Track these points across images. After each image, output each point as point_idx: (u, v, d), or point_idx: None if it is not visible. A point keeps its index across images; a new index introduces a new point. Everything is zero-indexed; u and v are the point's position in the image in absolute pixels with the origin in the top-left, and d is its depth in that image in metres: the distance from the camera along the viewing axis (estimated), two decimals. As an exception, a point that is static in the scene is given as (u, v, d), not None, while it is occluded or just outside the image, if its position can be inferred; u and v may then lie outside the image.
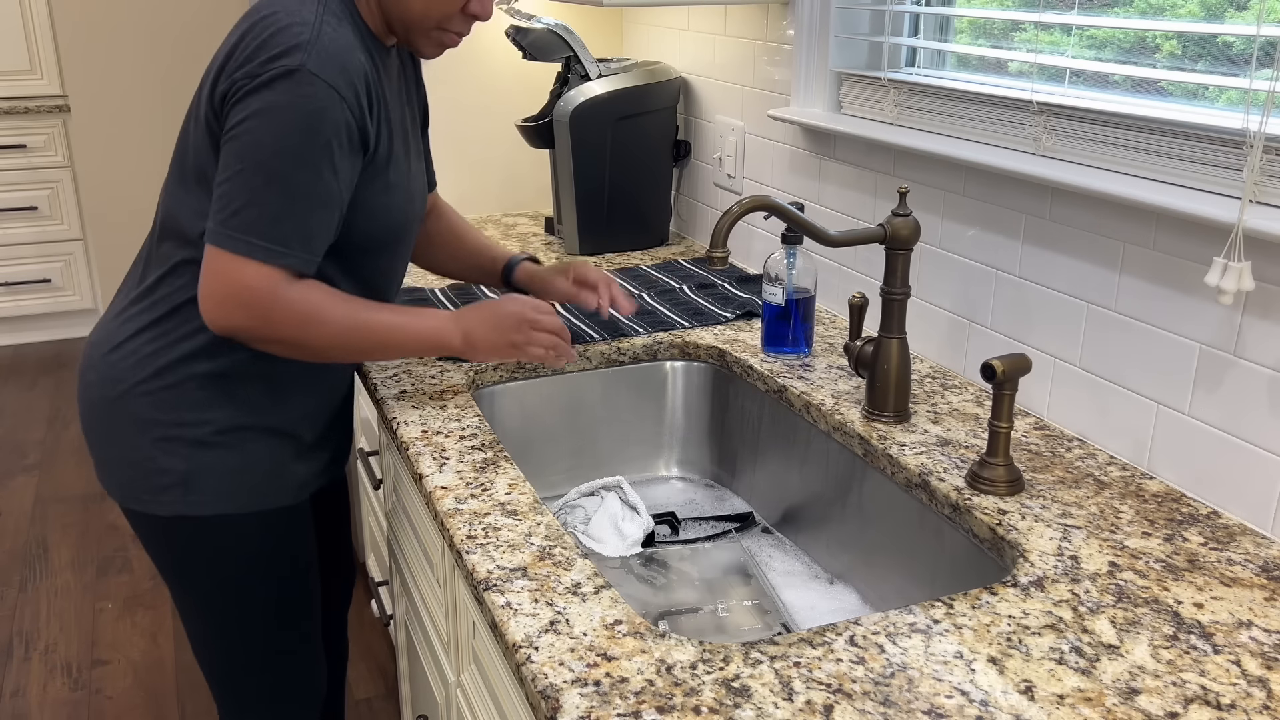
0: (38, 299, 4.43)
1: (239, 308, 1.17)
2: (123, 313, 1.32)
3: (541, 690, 0.85)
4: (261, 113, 1.14)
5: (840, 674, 0.87)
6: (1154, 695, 0.85)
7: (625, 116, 2.03)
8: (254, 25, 1.18)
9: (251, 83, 1.15)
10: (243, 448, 1.30)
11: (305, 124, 1.15)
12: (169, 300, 1.27)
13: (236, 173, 1.15)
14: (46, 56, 4.24)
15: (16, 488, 3.30)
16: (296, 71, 1.14)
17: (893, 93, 1.58)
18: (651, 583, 1.34)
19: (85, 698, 2.38)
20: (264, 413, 1.31)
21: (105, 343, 1.32)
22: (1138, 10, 1.27)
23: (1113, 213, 1.22)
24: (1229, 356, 1.11)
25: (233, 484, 1.30)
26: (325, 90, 1.15)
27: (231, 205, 1.15)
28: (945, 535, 1.18)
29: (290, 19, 1.17)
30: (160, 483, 1.29)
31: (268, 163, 1.14)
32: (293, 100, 1.14)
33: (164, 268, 1.28)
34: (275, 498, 1.34)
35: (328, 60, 1.16)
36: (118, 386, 1.29)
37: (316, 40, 1.16)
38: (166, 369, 1.27)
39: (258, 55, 1.15)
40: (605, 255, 2.11)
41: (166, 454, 1.28)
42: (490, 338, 1.33)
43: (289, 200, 1.16)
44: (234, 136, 1.16)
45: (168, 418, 1.28)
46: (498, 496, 1.17)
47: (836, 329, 1.68)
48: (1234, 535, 1.09)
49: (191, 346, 1.27)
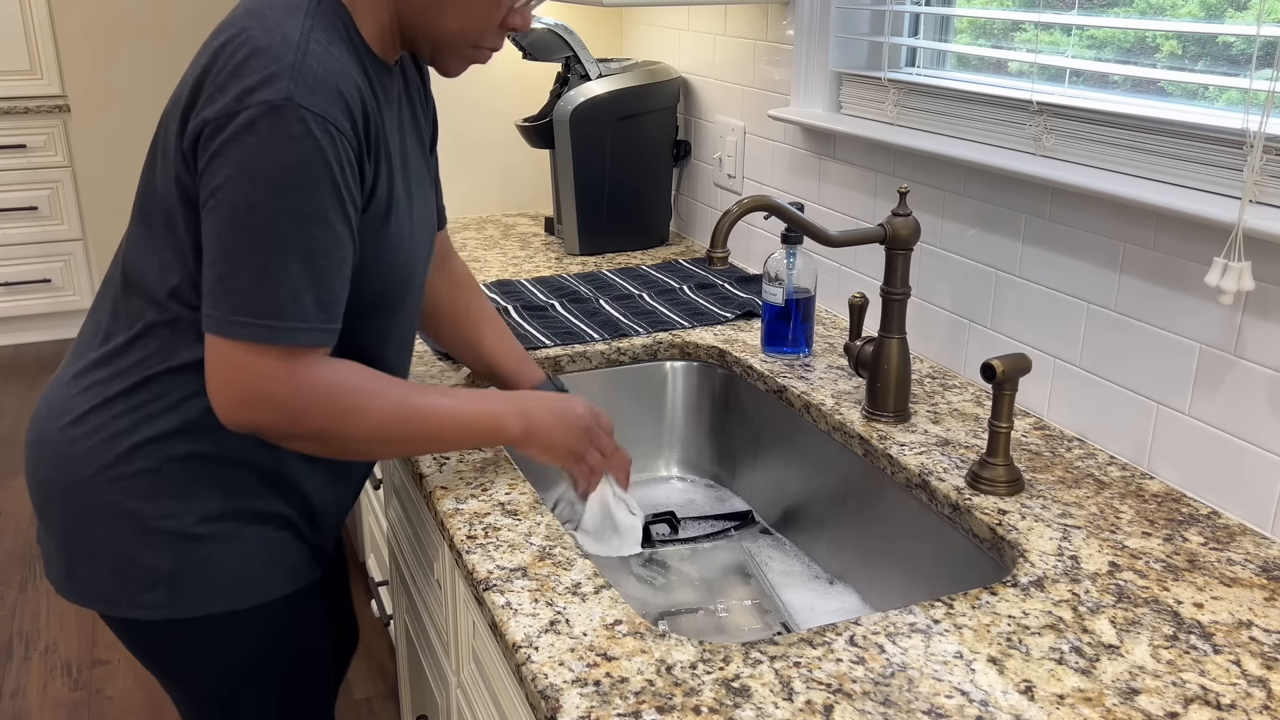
0: (38, 299, 4.43)
1: (263, 405, 0.99)
2: (83, 376, 1.11)
3: (541, 690, 0.85)
4: (248, 165, 0.94)
5: (840, 674, 0.87)
6: (1154, 695, 0.85)
7: (625, 116, 2.03)
8: (225, 45, 0.98)
9: (229, 125, 0.95)
10: (235, 537, 1.11)
11: (303, 170, 0.96)
12: (140, 369, 1.08)
13: (234, 244, 0.96)
14: (46, 56, 4.24)
15: (16, 488, 3.30)
16: (281, 107, 0.94)
17: (893, 93, 1.58)
18: (651, 583, 1.34)
19: (85, 698, 2.38)
20: (258, 496, 1.12)
21: (62, 412, 1.11)
22: (1138, 10, 1.27)
23: (1113, 213, 1.22)
24: (1229, 356, 1.11)
25: (226, 579, 1.11)
26: (319, 124, 0.96)
27: (236, 285, 0.96)
28: (945, 535, 1.18)
29: (268, 37, 0.97)
30: (141, 583, 1.09)
31: (269, 225, 0.95)
32: (284, 143, 0.94)
33: (132, 329, 1.08)
34: (276, 587, 1.15)
35: (317, 86, 0.96)
36: (81, 469, 1.08)
37: (302, 63, 0.96)
38: (139, 450, 1.07)
39: (230, 86, 0.95)
40: (605, 255, 2.11)
41: (146, 550, 1.09)
42: (554, 436, 1.16)
43: (302, 265, 0.97)
44: (220, 201, 0.96)
45: (145, 507, 1.08)
46: (498, 496, 1.17)
47: (836, 329, 1.68)
48: (1234, 535, 1.09)
49: (169, 424, 1.07)
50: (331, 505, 1.20)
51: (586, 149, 2.02)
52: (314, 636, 1.23)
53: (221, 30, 1.01)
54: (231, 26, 1.00)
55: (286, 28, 0.98)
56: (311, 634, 1.22)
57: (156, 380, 1.07)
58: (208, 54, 1.00)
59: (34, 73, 4.24)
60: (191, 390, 1.07)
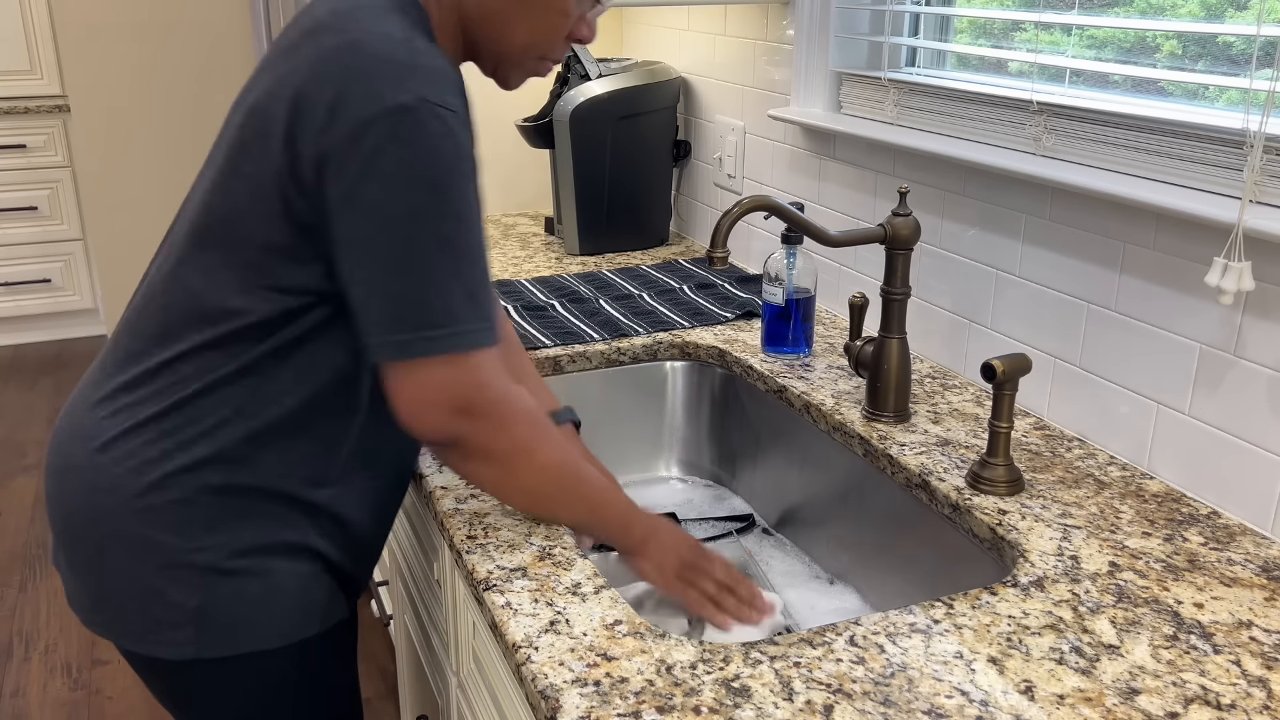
0: (38, 299, 4.43)
1: (476, 416, 0.97)
2: (112, 399, 1.05)
3: (541, 690, 0.85)
4: (399, 174, 0.90)
5: (840, 674, 0.87)
6: (1154, 695, 0.85)
7: (625, 116, 2.03)
8: (330, 56, 0.93)
9: (365, 137, 0.90)
10: (266, 572, 1.05)
11: (452, 168, 0.92)
12: (173, 391, 1.02)
13: (403, 259, 0.91)
14: (46, 56, 4.24)
15: (16, 488, 3.30)
16: (416, 108, 0.90)
17: (893, 92, 1.58)
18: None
19: (85, 698, 2.38)
20: (292, 529, 1.06)
21: (88, 437, 1.05)
22: (1138, 10, 1.27)
23: (1113, 213, 1.22)
24: (1229, 356, 1.11)
25: (255, 617, 1.05)
26: (454, 119, 0.93)
27: (416, 300, 0.92)
28: (945, 535, 1.18)
29: (374, 39, 0.93)
30: (168, 620, 1.03)
31: (436, 231, 0.92)
32: (428, 144, 0.91)
33: (172, 350, 1.02)
34: (306, 625, 1.09)
35: (439, 78, 0.93)
36: (109, 497, 1.03)
37: (420, 59, 0.93)
38: (170, 479, 1.01)
39: (353, 96, 0.90)
40: (605, 255, 2.11)
41: (175, 585, 1.02)
42: (667, 556, 1.10)
43: (470, 265, 0.94)
44: (375, 218, 0.91)
45: (176, 540, 1.02)
46: (498, 496, 1.17)
47: (836, 329, 1.68)
48: (1234, 535, 1.09)
49: (202, 451, 1.01)
50: (369, 536, 1.15)
51: (586, 149, 2.02)
52: (344, 674, 1.18)
53: (310, 40, 0.96)
54: (324, 34, 0.95)
55: (387, 26, 0.95)
56: (342, 672, 1.17)
57: (190, 404, 1.02)
58: (304, 72, 0.94)
59: (34, 73, 4.24)
60: (228, 414, 1.02)
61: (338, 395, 1.05)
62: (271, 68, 0.99)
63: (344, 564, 1.12)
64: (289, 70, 0.95)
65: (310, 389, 1.03)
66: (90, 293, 4.50)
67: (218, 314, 1.00)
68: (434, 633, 1.44)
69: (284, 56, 0.98)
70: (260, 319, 1.00)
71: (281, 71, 0.96)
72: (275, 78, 0.97)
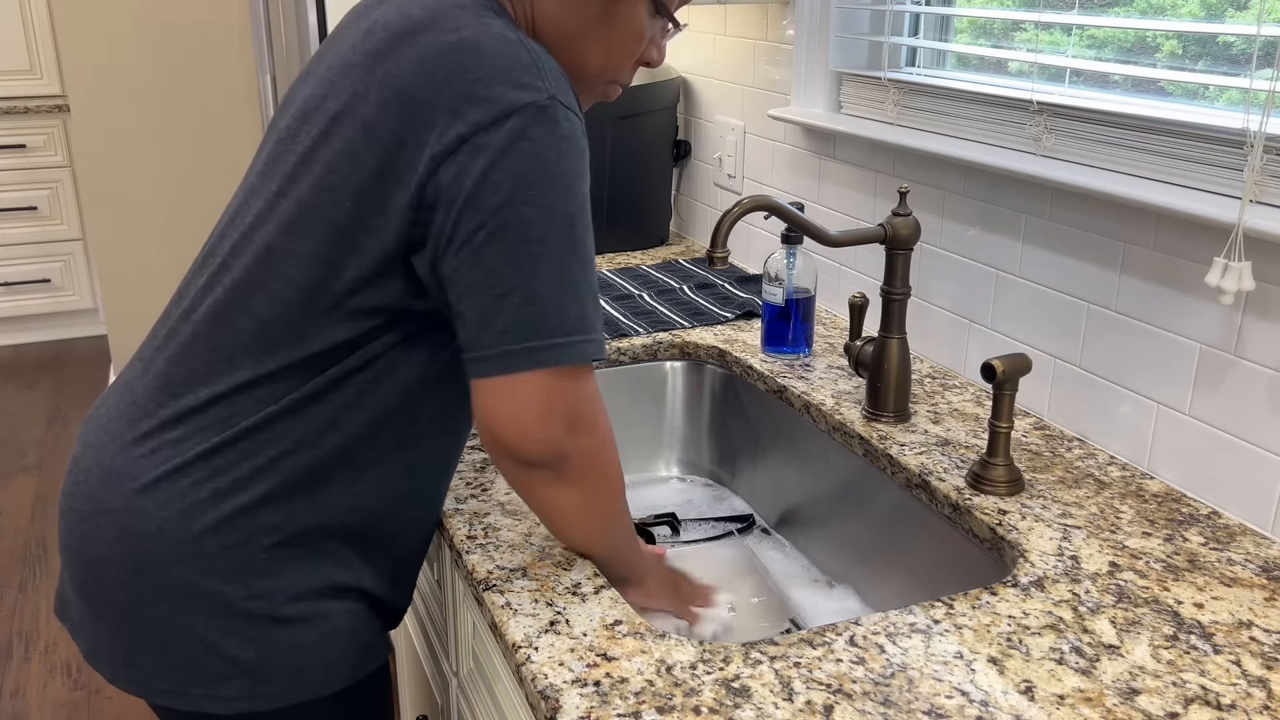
0: (37, 299, 4.43)
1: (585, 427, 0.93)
2: (150, 436, 0.96)
3: (541, 690, 0.85)
4: (533, 174, 0.86)
5: (840, 674, 0.87)
6: (1154, 695, 0.85)
7: (625, 116, 2.03)
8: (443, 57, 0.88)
9: (494, 137, 0.85)
10: (320, 617, 0.99)
11: (578, 170, 0.89)
12: (224, 425, 0.94)
13: (538, 262, 0.87)
14: (46, 56, 4.24)
15: (16, 488, 3.30)
16: (547, 107, 0.87)
17: (893, 92, 1.58)
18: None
19: (85, 698, 2.38)
20: (346, 569, 1.00)
21: (126, 477, 0.96)
22: (1138, 10, 1.27)
23: (1113, 213, 1.22)
24: (1229, 356, 1.11)
25: (311, 664, 0.99)
26: (577, 120, 0.90)
27: (549, 305, 0.88)
28: (945, 535, 1.18)
29: (490, 39, 0.88)
30: (219, 673, 0.96)
31: (569, 233, 0.88)
32: (559, 144, 0.87)
33: (227, 382, 0.94)
34: (361, 667, 1.03)
35: (561, 81, 0.90)
36: (154, 544, 0.94)
37: (541, 59, 0.90)
38: (226, 522, 0.94)
39: (479, 96, 0.86)
40: (605, 255, 2.11)
41: (229, 637, 0.95)
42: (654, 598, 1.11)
43: (590, 270, 0.91)
44: (507, 219, 0.86)
45: (229, 589, 0.94)
46: (498, 496, 1.17)
47: (836, 329, 1.68)
48: (1234, 535, 1.09)
49: (259, 490, 0.94)
50: (415, 566, 1.11)
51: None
52: (387, 712, 1.14)
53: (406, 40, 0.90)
54: (423, 34, 0.90)
55: (497, 26, 0.90)
56: (385, 710, 1.13)
57: (245, 438, 0.94)
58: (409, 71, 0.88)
59: (34, 73, 4.24)
60: (288, 445, 0.95)
61: (404, 419, 0.99)
62: (352, 73, 0.92)
63: (393, 598, 1.08)
64: (387, 75, 0.89)
65: (375, 414, 0.97)
66: (90, 293, 4.50)
67: (284, 341, 0.93)
68: (434, 633, 1.44)
69: (374, 60, 0.91)
70: (329, 345, 0.94)
71: (378, 77, 0.90)
72: (368, 84, 0.90)
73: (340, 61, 0.94)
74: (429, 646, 1.49)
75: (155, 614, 0.95)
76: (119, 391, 1.02)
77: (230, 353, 0.94)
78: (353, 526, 1.00)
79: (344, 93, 0.92)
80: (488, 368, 0.89)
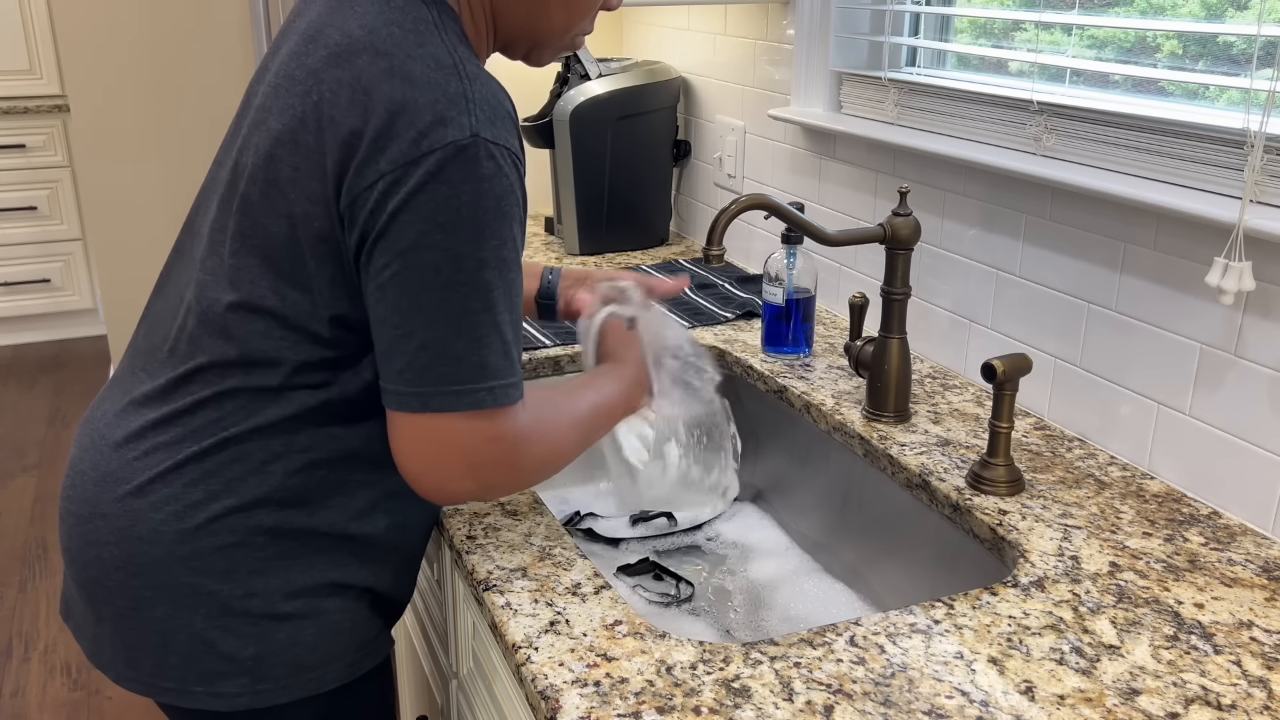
0: (37, 299, 4.43)
1: (489, 469, 0.91)
2: (141, 437, 0.97)
3: (541, 690, 0.85)
4: (443, 217, 0.84)
5: (840, 674, 0.87)
6: (1154, 695, 0.85)
7: (625, 116, 2.03)
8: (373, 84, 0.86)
9: (411, 176, 0.84)
10: (318, 614, 1.00)
11: (499, 211, 0.87)
12: (215, 429, 0.95)
13: (440, 307, 0.86)
14: (46, 56, 4.24)
15: (16, 488, 3.30)
16: (467, 146, 0.85)
17: (893, 92, 1.58)
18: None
19: (85, 698, 2.38)
20: (342, 567, 1.01)
21: (118, 480, 0.97)
22: (1138, 10, 1.27)
23: (1113, 213, 1.22)
24: (1229, 356, 1.11)
25: (310, 661, 1.00)
26: (505, 157, 0.87)
27: (447, 351, 0.87)
28: (945, 535, 1.18)
29: (421, 66, 0.87)
30: (219, 671, 0.97)
31: (476, 279, 0.86)
32: (476, 186, 0.85)
33: (205, 390, 0.95)
34: (362, 663, 1.05)
35: (493, 114, 0.87)
36: (148, 548, 0.95)
37: (471, 90, 0.87)
38: (217, 522, 0.95)
39: (401, 131, 0.84)
40: (605, 255, 2.11)
41: (228, 635, 0.96)
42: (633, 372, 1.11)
43: (509, 315, 0.89)
44: (412, 262, 0.85)
45: (225, 587, 0.95)
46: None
47: (836, 329, 1.68)
48: (1234, 535, 1.09)
49: (252, 492, 0.95)
50: (415, 564, 1.11)
51: (586, 149, 2.02)
52: (390, 705, 1.16)
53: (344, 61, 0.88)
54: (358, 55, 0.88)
55: (431, 48, 0.88)
56: (387, 706, 1.15)
57: (236, 442, 0.94)
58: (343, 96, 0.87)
59: (34, 73, 4.24)
60: (277, 450, 0.95)
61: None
62: (295, 89, 0.91)
63: (392, 594, 1.08)
64: (322, 99, 0.88)
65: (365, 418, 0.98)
66: (90, 293, 4.50)
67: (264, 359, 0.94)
68: (434, 633, 1.44)
69: (312, 80, 0.90)
70: (305, 360, 0.94)
71: (314, 99, 0.89)
72: (305, 108, 0.89)
73: (285, 72, 0.94)
74: (429, 646, 1.49)
75: (154, 614, 0.96)
76: (111, 394, 1.03)
77: (213, 362, 0.95)
78: (348, 525, 1.00)
79: (284, 113, 0.91)
80: (390, 400, 0.90)
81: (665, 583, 1.32)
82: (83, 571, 1.00)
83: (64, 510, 1.02)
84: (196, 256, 0.99)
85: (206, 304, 0.96)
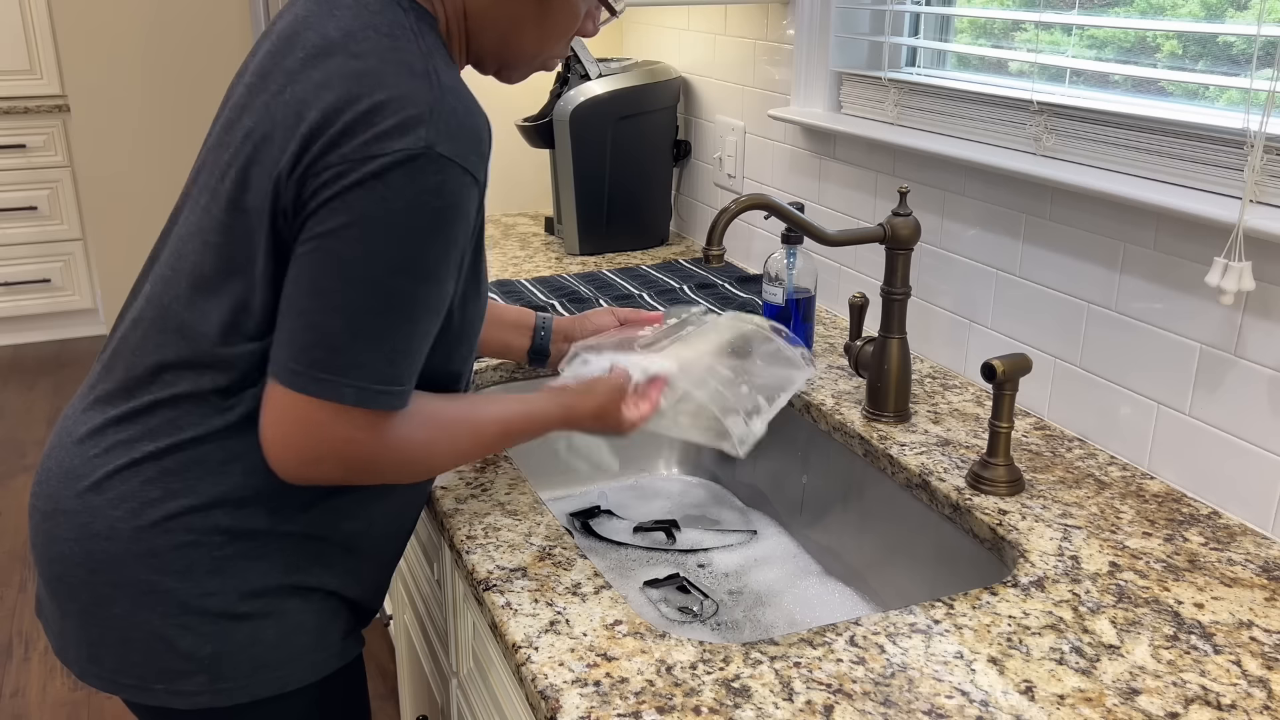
0: (37, 299, 4.43)
1: (332, 463, 0.91)
2: (101, 434, 0.97)
3: (541, 690, 0.85)
4: (371, 214, 0.85)
5: (840, 674, 0.87)
6: (1154, 695, 0.85)
7: (625, 116, 2.03)
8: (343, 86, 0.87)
9: (355, 171, 0.85)
10: (279, 614, 0.99)
11: (432, 226, 0.87)
12: (173, 429, 0.95)
13: (336, 297, 0.86)
14: (46, 56, 4.24)
15: (17, 488, 3.30)
16: (420, 156, 0.85)
17: (893, 92, 1.58)
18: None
19: (85, 698, 2.38)
20: (304, 570, 1.00)
21: (78, 476, 0.97)
22: (1138, 10, 1.27)
23: (1113, 213, 1.22)
24: (1229, 356, 1.11)
25: (272, 660, 0.99)
26: (456, 176, 0.87)
27: (329, 339, 0.87)
28: (945, 535, 1.18)
29: (399, 80, 0.87)
30: (178, 670, 0.97)
31: (383, 282, 0.86)
32: (415, 196, 0.85)
33: (163, 391, 0.96)
34: (325, 664, 1.04)
35: (458, 130, 0.87)
36: (105, 544, 0.95)
37: (441, 103, 0.87)
38: (174, 521, 0.95)
39: (358, 131, 0.85)
40: (605, 255, 2.11)
41: (184, 633, 0.96)
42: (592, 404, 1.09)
43: (408, 327, 0.89)
44: (326, 248, 0.86)
45: (182, 586, 0.95)
46: (498, 496, 1.17)
47: (836, 329, 1.68)
48: (1234, 535, 1.09)
49: (209, 492, 0.95)
50: (385, 567, 1.10)
51: (586, 149, 2.02)
52: (361, 706, 1.14)
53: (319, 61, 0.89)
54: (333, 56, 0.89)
55: (405, 54, 0.88)
56: (359, 704, 1.14)
57: (194, 444, 0.95)
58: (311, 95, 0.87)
59: (34, 73, 4.24)
60: (237, 451, 0.95)
61: None
62: (269, 88, 0.92)
63: (358, 596, 1.08)
64: (293, 97, 0.89)
65: None
66: (90, 293, 4.50)
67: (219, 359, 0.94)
68: (434, 633, 1.44)
69: (286, 80, 0.90)
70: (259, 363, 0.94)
71: (285, 99, 0.90)
72: (281, 103, 0.90)
73: (261, 72, 0.95)
74: (429, 646, 1.49)
75: (114, 611, 0.97)
76: (81, 392, 1.04)
77: (170, 363, 0.96)
78: (308, 527, 0.99)
79: (257, 111, 0.92)
80: (270, 366, 0.90)
81: (690, 596, 1.31)
82: (48, 568, 1.00)
83: (31, 507, 1.03)
84: (163, 255, 1.00)
85: (167, 302, 0.96)
